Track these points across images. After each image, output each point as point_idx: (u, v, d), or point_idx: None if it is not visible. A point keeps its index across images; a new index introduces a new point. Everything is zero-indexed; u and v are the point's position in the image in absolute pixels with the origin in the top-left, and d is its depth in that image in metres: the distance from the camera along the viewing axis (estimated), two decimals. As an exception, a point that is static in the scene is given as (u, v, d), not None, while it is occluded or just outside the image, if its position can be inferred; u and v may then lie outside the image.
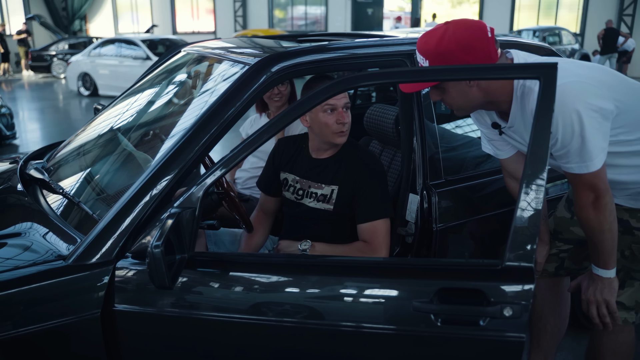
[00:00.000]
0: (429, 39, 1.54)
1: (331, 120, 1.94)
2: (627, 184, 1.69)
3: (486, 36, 1.50)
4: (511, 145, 1.81)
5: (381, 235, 1.93)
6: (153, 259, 1.30)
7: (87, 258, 1.55)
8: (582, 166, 1.52)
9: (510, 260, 1.32)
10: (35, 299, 1.52)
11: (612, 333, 1.82)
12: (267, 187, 2.20)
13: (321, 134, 1.99)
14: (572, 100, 1.45)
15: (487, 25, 1.53)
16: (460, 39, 1.49)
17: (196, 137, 1.67)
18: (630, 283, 1.78)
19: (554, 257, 2.01)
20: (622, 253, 1.77)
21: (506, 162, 1.87)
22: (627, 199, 1.74)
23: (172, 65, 2.50)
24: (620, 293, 1.75)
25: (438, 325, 1.38)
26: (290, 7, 20.04)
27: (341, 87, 1.45)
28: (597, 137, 1.49)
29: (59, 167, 2.24)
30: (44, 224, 1.80)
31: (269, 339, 1.53)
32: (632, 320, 1.80)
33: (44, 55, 15.87)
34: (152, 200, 1.60)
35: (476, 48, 1.49)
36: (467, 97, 1.58)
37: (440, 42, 1.50)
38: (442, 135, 2.12)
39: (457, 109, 1.66)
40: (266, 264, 1.59)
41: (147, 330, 1.58)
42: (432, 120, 2.10)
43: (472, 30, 1.50)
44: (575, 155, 1.51)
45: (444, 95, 1.60)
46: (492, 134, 1.81)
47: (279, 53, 1.87)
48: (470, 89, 1.56)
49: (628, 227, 1.76)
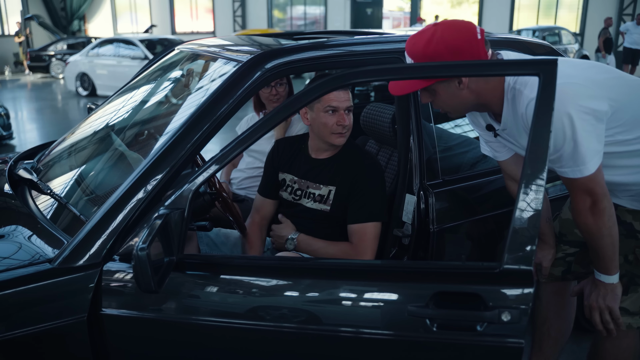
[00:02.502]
0: (417, 41, 1.50)
1: (331, 121, 1.93)
2: (629, 185, 1.65)
3: (475, 38, 1.46)
4: (508, 148, 1.77)
5: (369, 239, 1.91)
6: (138, 261, 1.26)
7: (73, 261, 1.51)
8: (576, 170, 1.47)
9: (509, 263, 1.27)
10: (20, 302, 1.48)
11: (615, 338, 1.77)
12: (267, 190, 2.16)
13: (320, 134, 1.97)
14: (563, 103, 1.40)
15: (476, 27, 1.49)
16: (448, 41, 1.45)
17: (187, 135, 1.63)
18: (634, 289, 1.73)
19: (560, 261, 1.96)
20: (626, 258, 1.72)
21: (505, 164, 1.83)
22: (631, 200, 1.70)
23: (165, 64, 2.47)
24: (624, 299, 1.71)
25: (434, 331, 1.33)
26: (290, 7, 20.02)
27: (332, 84, 1.41)
28: (590, 140, 1.44)
29: (49, 168, 2.20)
30: (30, 226, 1.76)
31: (260, 342, 1.49)
32: (636, 326, 1.75)
33: (42, 56, 15.83)
34: (141, 201, 1.56)
35: (465, 51, 1.45)
36: (458, 99, 1.55)
37: (428, 44, 1.46)
38: (439, 135, 2.09)
39: (448, 111, 1.62)
40: (257, 266, 1.55)
41: (135, 334, 1.54)
42: (430, 120, 2.06)
43: (461, 32, 1.46)
44: (568, 160, 1.47)
45: (434, 97, 1.56)
46: (488, 135, 1.77)
47: (274, 50, 1.83)
48: (461, 91, 1.52)
49: (631, 230, 1.71)
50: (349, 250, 1.92)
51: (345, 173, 1.96)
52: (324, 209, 1.98)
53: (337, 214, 1.97)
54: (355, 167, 1.96)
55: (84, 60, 12.16)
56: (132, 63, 11.30)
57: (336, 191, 1.96)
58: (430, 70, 1.42)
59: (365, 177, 1.94)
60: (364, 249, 1.91)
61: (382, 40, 2.07)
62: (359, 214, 1.92)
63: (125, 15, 21.71)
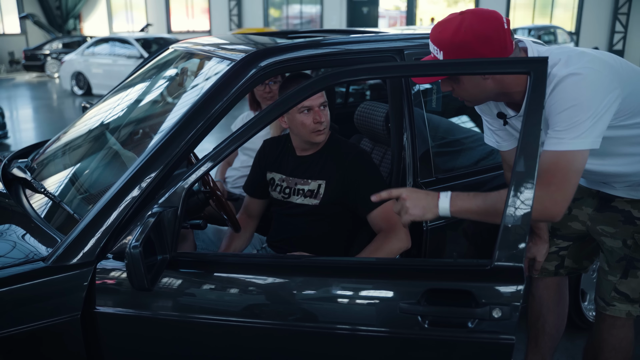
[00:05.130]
0: (444, 29, 1.47)
1: (308, 120, 1.93)
2: (627, 176, 1.67)
3: (502, 27, 1.44)
4: (515, 137, 1.76)
5: (395, 214, 1.88)
6: (131, 259, 1.26)
7: (67, 259, 1.51)
8: (563, 142, 1.40)
9: (500, 260, 1.28)
10: (14, 301, 1.48)
11: (614, 328, 1.80)
12: (252, 188, 2.19)
13: (300, 134, 1.98)
14: (586, 85, 1.39)
15: (502, 16, 1.48)
16: (477, 30, 1.42)
17: (181, 133, 1.63)
18: (633, 273, 1.75)
19: (553, 256, 1.98)
20: (625, 242, 1.74)
21: (508, 154, 1.82)
22: (628, 190, 1.72)
23: (159, 63, 2.46)
24: (623, 282, 1.72)
25: (425, 327, 1.34)
26: (286, 6, 20.01)
27: (328, 81, 1.42)
28: (595, 121, 1.39)
29: (43, 166, 2.20)
30: (24, 225, 1.76)
31: (253, 340, 1.49)
32: (636, 314, 1.77)
33: (37, 55, 15.78)
34: (135, 199, 1.56)
35: (493, 40, 1.43)
36: (481, 88, 1.53)
37: (456, 32, 1.44)
38: (433, 133, 2.09)
39: (468, 101, 1.60)
40: (251, 264, 1.56)
41: (129, 332, 1.55)
42: (423, 118, 2.06)
43: (490, 21, 1.44)
44: (564, 123, 1.40)
45: (457, 85, 1.54)
46: (495, 123, 1.76)
47: (268, 48, 1.84)
48: (485, 81, 1.51)
49: (630, 217, 1.73)
50: (384, 239, 1.85)
51: (333, 166, 1.96)
52: (314, 203, 1.98)
53: (327, 207, 1.97)
54: (343, 158, 1.96)
55: (79, 59, 12.13)
56: (127, 62, 11.27)
57: (326, 184, 1.96)
58: (423, 69, 1.42)
59: (359, 165, 1.94)
60: (396, 224, 1.84)
61: (377, 38, 2.07)
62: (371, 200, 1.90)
63: (120, 14, 21.66)
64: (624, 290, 1.75)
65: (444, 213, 1.43)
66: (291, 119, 1.96)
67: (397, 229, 1.85)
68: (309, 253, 1.88)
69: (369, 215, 1.91)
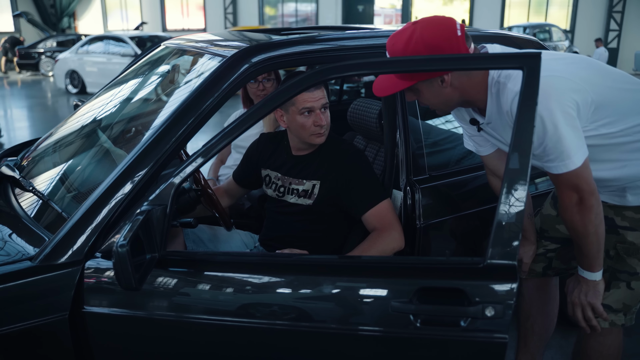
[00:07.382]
0: (397, 41, 1.49)
1: (308, 123, 1.90)
2: (611, 181, 1.64)
3: (455, 35, 1.45)
4: (491, 142, 1.76)
5: (389, 214, 1.86)
6: (118, 258, 1.24)
7: (54, 258, 1.49)
8: (561, 165, 1.46)
9: (493, 258, 1.27)
10: (1, 301, 1.45)
11: (600, 335, 1.77)
12: (241, 178, 2.20)
13: (299, 135, 1.95)
14: (545, 97, 1.39)
15: (456, 23, 1.48)
16: (427, 40, 1.44)
17: (171, 130, 1.61)
18: (615, 284, 1.73)
19: (541, 257, 1.96)
20: (607, 253, 1.72)
21: (488, 159, 1.83)
22: (612, 196, 1.69)
23: (151, 60, 2.44)
24: (607, 295, 1.70)
25: (417, 326, 1.32)
26: (281, 4, 19.98)
27: (317, 77, 1.40)
28: (573, 134, 1.43)
29: (33, 165, 2.17)
30: (11, 224, 1.73)
31: (243, 338, 1.47)
32: (620, 323, 1.74)
33: (31, 53, 15.71)
34: (124, 197, 1.54)
35: (444, 48, 1.44)
36: (442, 97, 1.54)
37: (408, 43, 1.45)
38: (426, 131, 2.07)
39: (434, 109, 1.62)
40: (241, 263, 1.53)
41: (118, 331, 1.53)
42: (416, 116, 2.05)
43: (440, 30, 1.45)
44: (552, 154, 1.45)
45: (419, 96, 1.56)
46: (471, 130, 1.76)
47: (260, 44, 1.82)
48: (444, 89, 1.52)
49: (613, 225, 1.70)
50: (377, 238, 1.83)
51: (328, 167, 1.95)
52: (308, 204, 1.97)
53: (320, 207, 1.95)
54: (338, 159, 1.94)
55: (73, 57, 12.08)
56: (122, 60, 11.22)
57: (321, 185, 1.95)
58: (413, 64, 1.40)
59: (353, 166, 1.92)
60: (390, 223, 1.84)
61: (370, 35, 2.06)
62: (366, 200, 1.88)
63: (115, 12, 21.59)
64: (607, 302, 1.72)
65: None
66: (291, 119, 1.93)
67: (392, 229, 1.84)
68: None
69: (364, 215, 1.90)
